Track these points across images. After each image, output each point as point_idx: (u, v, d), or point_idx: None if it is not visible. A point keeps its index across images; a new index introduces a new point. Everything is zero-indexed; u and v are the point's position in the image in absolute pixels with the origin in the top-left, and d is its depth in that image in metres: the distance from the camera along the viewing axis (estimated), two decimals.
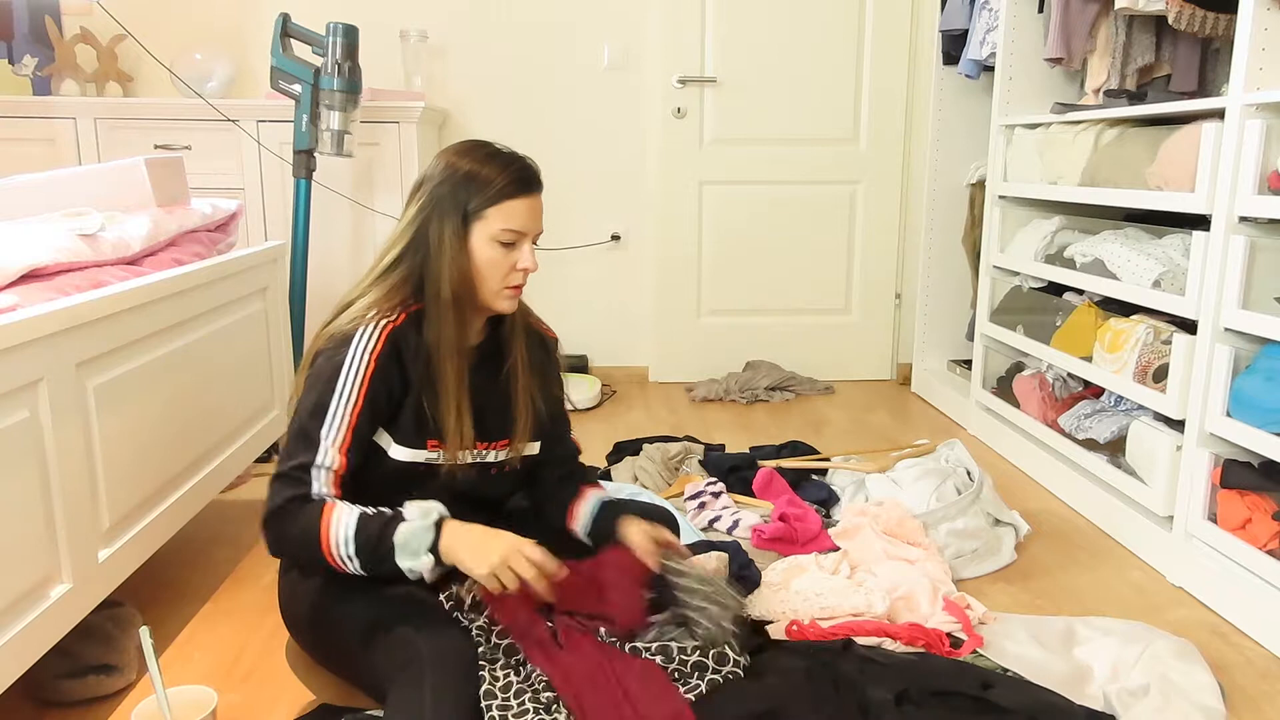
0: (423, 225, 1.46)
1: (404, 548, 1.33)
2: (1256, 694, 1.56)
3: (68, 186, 1.95)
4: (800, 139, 3.57)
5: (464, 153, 1.47)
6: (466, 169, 1.45)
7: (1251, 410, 1.78)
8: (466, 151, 1.48)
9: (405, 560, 1.32)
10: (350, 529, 1.33)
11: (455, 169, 1.45)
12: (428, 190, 1.46)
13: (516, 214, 1.45)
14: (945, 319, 3.51)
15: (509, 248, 1.46)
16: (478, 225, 1.45)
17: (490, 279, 1.47)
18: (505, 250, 1.46)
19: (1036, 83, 2.86)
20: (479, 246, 1.45)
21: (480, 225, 1.44)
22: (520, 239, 1.47)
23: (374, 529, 1.34)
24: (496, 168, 1.45)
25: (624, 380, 3.69)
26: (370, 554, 1.33)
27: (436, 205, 1.45)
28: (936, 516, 2.03)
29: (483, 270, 1.46)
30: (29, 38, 3.22)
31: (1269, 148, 1.78)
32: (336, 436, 1.40)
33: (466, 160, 1.46)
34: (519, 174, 1.46)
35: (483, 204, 1.44)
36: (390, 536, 1.33)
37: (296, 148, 2.72)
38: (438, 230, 1.44)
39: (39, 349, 1.33)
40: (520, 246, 1.47)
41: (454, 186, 1.44)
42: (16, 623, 1.28)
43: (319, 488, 1.38)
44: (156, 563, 1.85)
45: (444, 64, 3.48)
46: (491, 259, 1.45)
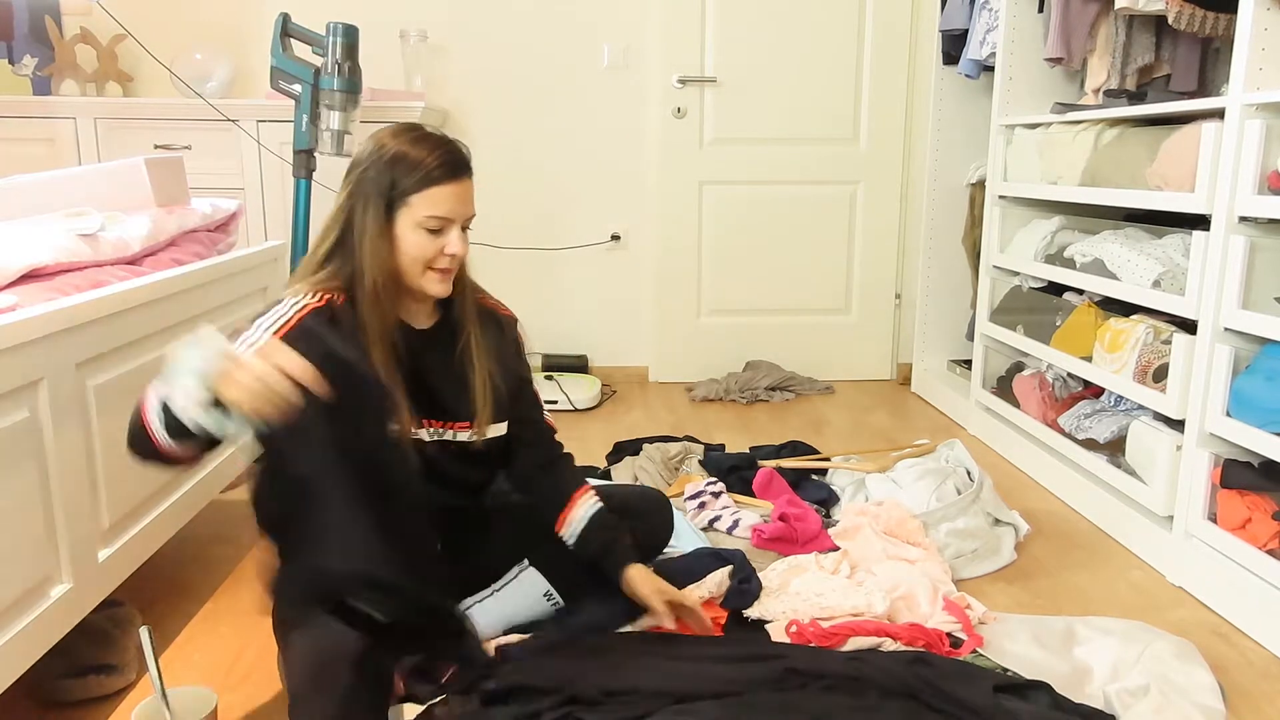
0: (349, 211, 1.44)
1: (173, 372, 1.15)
2: (1256, 694, 1.56)
3: (68, 186, 1.95)
4: (800, 139, 3.57)
5: (393, 134, 1.45)
6: (394, 151, 1.42)
7: (1251, 410, 1.78)
8: (396, 134, 1.45)
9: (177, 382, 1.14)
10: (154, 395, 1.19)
11: (383, 151, 1.43)
12: (357, 173, 1.44)
13: (443, 201, 1.42)
14: (945, 319, 3.51)
15: (436, 234, 1.43)
16: (403, 211, 1.42)
17: (415, 265, 1.44)
18: (432, 236, 1.43)
19: (1036, 83, 2.86)
20: (404, 233, 1.43)
21: (405, 212, 1.42)
22: (447, 225, 1.44)
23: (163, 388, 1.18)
24: (424, 151, 1.42)
25: (624, 380, 3.69)
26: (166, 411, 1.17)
27: (362, 190, 1.43)
28: (936, 516, 2.03)
29: (408, 256, 1.43)
30: (29, 38, 3.22)
31: (1269, 148, 1.78)
32: None
33: (396, 142, 1.43)
34: (446, 158, 1.44)
35: (408, 190, 1.41)
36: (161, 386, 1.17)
37: (296, 148, 2.72)
38: (362, 218, 1.42)
39: (39, 349, 1.33)
40: (447, 232, 1.44)
41: (379, 171, 1.42)
42: (16, 623, 1.28)
43: None
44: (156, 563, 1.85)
45: (444, 64, 3.48)
46: (417, 244, 1.43)
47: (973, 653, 1.59)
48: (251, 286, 2.17)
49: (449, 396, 1.53)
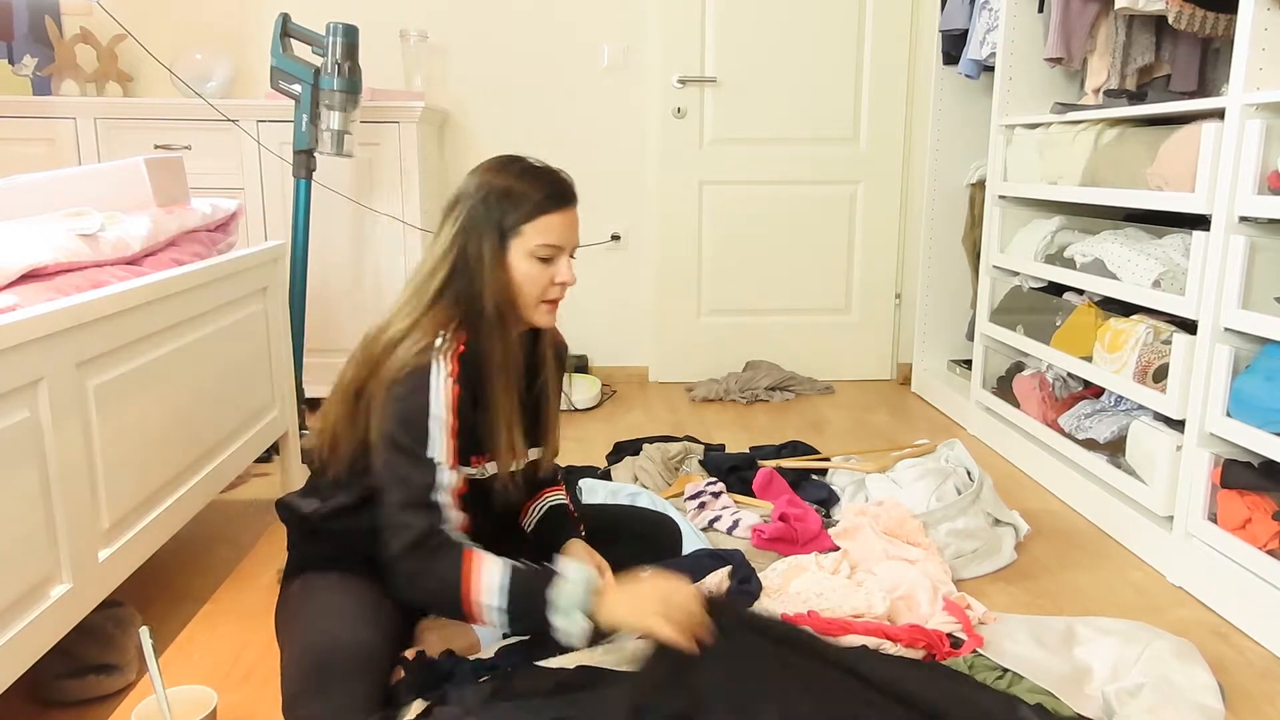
0: (462, 246, 1.46)
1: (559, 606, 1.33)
2: (1256, 694, 1.56)
3: (68, 186, 1.95)
4: (800, 139, 3.57)
5: (498, 169, 1.48)
6: (502, 185, 1.45)
7: (1251, 410, 1.78)
8: (501, 167, 1.48)
9: (559, 619, 1.33)
10: (503, 581, 1.34)
11: (490, 186, 1.45)
12: (464, 209, 1.46)
13: (553, 229, 1.46)
14: (945, 319, 3.51)
15: (546, 263, 1.47)
16: (515, 242, 1.45)
17: (529, 295, 1.47)
18: (543, 265, 1.46)
19: (1036, 83, 2.86)
20: (517, 263, 1.45)
21: (518, 241, 1.45)
22: (557, 253, 1.48)
23: (527, 584, 1.35)
24: (531, 183, 1.46)
25: (624, 380, 3.69)
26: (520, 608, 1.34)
27: (473, 224, 1.45)
28: (936, 516, 2.03)
29: (522, 286, 1.46)
30: (29, 38, 3.22)
31: (1269, 148, 1.78)
32: (445, 455, 1.39)
33: (501, 177, 1.46)
34: (554, 188, 1.47)
35: (519, 220, 1.44)
36: (544, 592, 1.33)
37: (296, 148, 2.72)
38: (476, 249, 1.44)
39: (39, 349, 1.33)
40: (558, 261, 1.48)
41: (489, 204, 1.44)
42: (16, 623, 1.28)
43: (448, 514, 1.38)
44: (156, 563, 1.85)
45: (444, 64, 3.48)
46: (530, 275, 1.46)
47: (973, 653, 1.59)
48: (251, 286, 2.17)
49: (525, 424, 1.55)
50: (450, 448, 1.39)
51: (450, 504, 1.39)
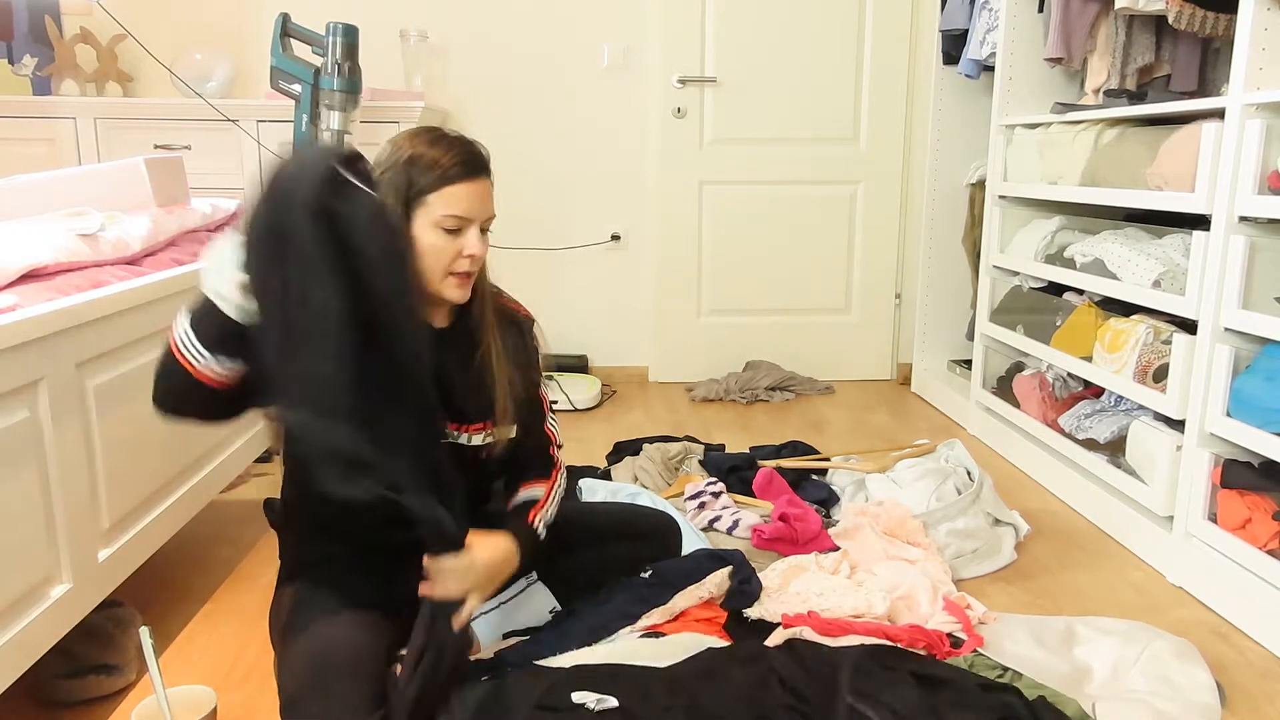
0: None
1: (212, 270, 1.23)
2: (1256, 694, 1.56)
3: (68, 186, 1.95)
4: (800, 139, 3.57)
5: (411, 136, 1.43)
6: (410, 153, 1.40)
7: (1251, 410, 1.78)
8: (414, 135, 1.43)
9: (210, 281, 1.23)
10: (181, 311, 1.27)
11: (399, 154, 1.41)
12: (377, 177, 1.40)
13: (460, 199, 1.40)
14: (945, 319, 3.51)
15: (454, 234, 1.41)
16: (420, 211, 1.40)
17: (434, 267, 1.41)
18: (450, 237, 1.40)
19: (1036, 83, 2.86)
20: (422, 234, 1.40)
21: (423, 211, 1.39)
22: (465, 225, 1.41)
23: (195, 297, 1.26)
24: (440, 151, 1.40)
25: (624, 380, 3.69)
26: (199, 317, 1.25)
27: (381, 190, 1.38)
28: (936, 516, 2.03)
29: (425, 257, 1.40)
30: (29, 38, 3.22)
31: (1269, 148, 1.78)
32: None
33: (411, 145, 1.41)
34: (463, 157, 1.41)
35: (425, 189, 1.39)
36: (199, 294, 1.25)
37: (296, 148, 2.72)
38: None
39: (39, 349, 1.33)
40: (465, 232, 1.41)
41: (396, 172, 1.40)
42: (16, 623, 1.28)
43: None
44: (156, 563, 1.85)
45: (444, 64, 3.48)
46: (434, 245, 1.40)
47: (973, 652, 1.59)
48: None
49: (465, 398, 1.50)
50: None
51: None
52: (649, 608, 1.61)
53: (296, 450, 1.41)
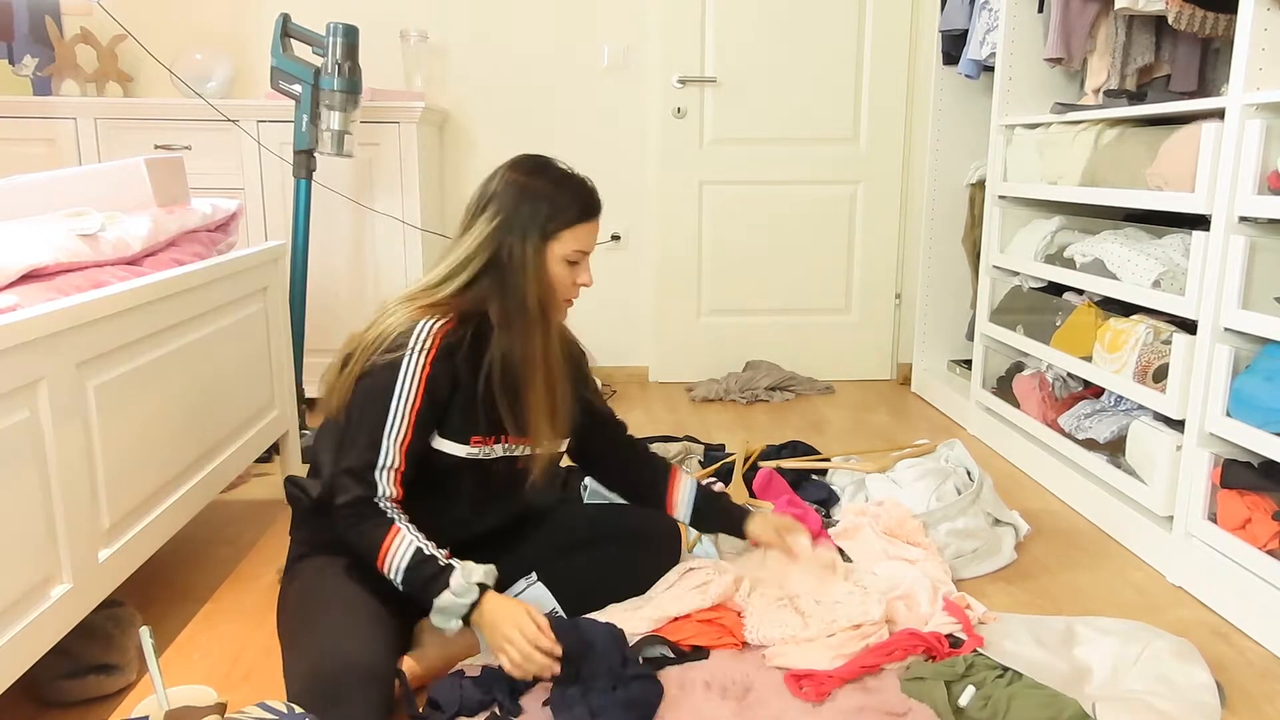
0: (500, 243, 1.52)
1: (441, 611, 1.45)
2: (1256, 694, 1.56)
3: (68, 186, 1.95)
4: (800, 139, 3.57)
5: (534, 172, 1.55)
6: (543, 190, 1.53)
7: (1251, 410, 1.78)
8: (536, 171, 1.56)
9: (439, 619, 1.46)
10: (404, 563, 1.45)
11: (529, 189, 1.53)
12: (501, 208, 1.52)
13: (585, 236, 1.57)
14: (945, 319, 3.51)
15: (574, 266, 1.57)
16: (553, 245, 1.54)
17: (556, 295, 1.58)
18: (570, 268, 1.57)
19: (1036, 83, 2.86)
20: (552, 265, 1.55)
21: (555, 245, 1.54)
22: (583, 258, 1.58)
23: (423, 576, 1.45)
24: (570, 191, 1.55)
25: (624, 380, 3.69)
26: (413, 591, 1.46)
27: (515, 224, 1.52)
28: (936, 516, 2.03)
29: (552, 287, 1.56)
30: (29, 38, 3.22)
31: (1269, 148, 1.78)
32: (398, 436, 1.48)
33: (539, 181, 1.54)
34: (590, 199, 1.57)
35: (560, 226, 1.53)
36: (432, 595, 1.44)
37: (296, 148, 2.72)
38: (520, 248, 1.52)
39: (39, 349, 1.33)
40: (582, 264, 1.58)
41: (533, 206, 1.52)
42: (16, 623, 1.28)
43: (384, 488, 1.48)
44: (156, 563, 1.85)
45: (444, 64, 3.48)
46: (559, 276, 1.56)
47: (973, 652, 1.59)
48: (252, 286, 2.17)
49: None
50: (408, 426, 1.48)
51: (389, 483, 1.48)
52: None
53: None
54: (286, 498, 1.68)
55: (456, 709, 1.42)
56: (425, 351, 1.48)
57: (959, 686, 1.48)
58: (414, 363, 1.48)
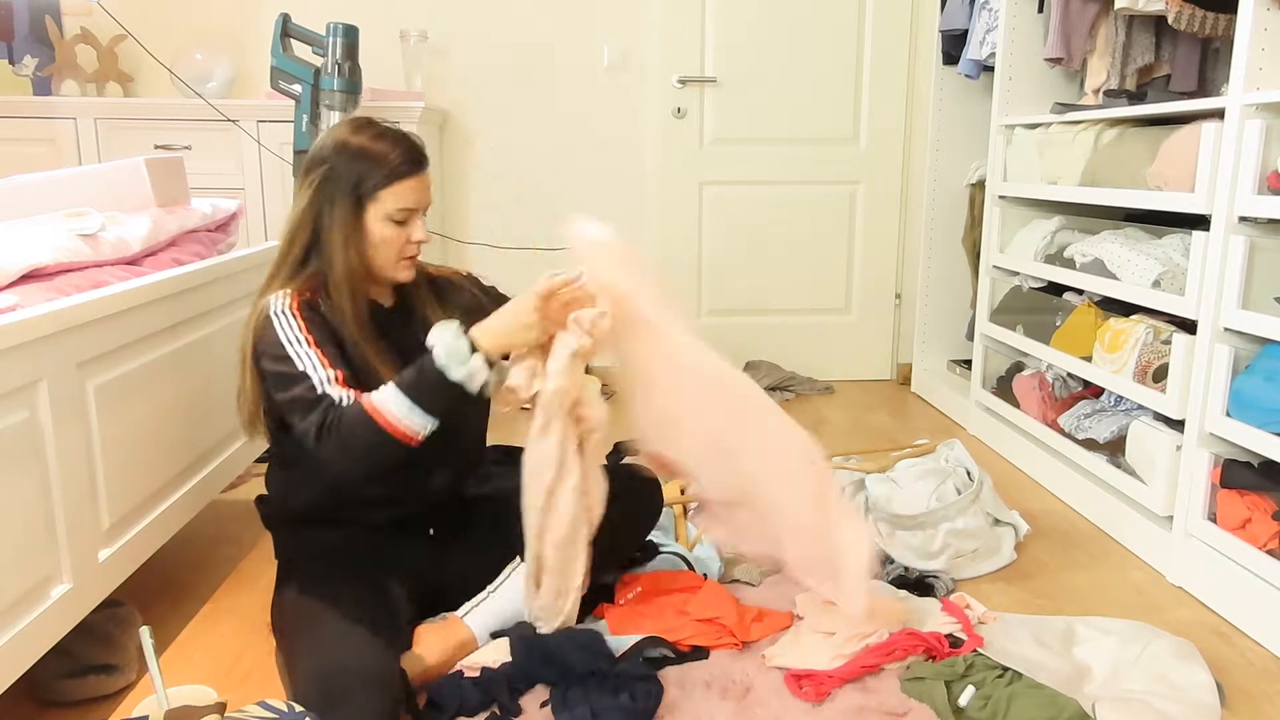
0: (318, 209, 1.50)
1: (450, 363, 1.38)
2: (1256, 694, 1.56)
3: (68, 186, 1.95)
4: (800, 139, 3.57)
5: (352, 131, 1.52)
6: (356, 149, 1.49)
7: (1251, 410, 1.78)
8: (355, 130, 1.52)
9: (457, 372, 1.39)
10: (394, 391, 1.39)
11: (345, 149, 1.49)
12: (320, 173, 1.50)
13: (408, 193, 1.51)
14: (945, 319, 3.51)
15: (402, 225, 1.52)
16: (371, 206, 1.50)
17: (387, 255, 1.53)
18: (398, 227, 1.52)
19: (1036, 83, 2.86)
20: (373, 226, 1.51)
21: (374, 206, 1.50)
22: (412, 215, 1.52)
23: (411, 375, 1.40)
24: (386, 148, 1.49)
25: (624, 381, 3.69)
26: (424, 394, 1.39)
27: (329, 188, 1.49)
28: (936, 516, 2.03)
29: (379, 248, 1.52)
30: (29, 38, 3.22)
31: (1269, 148, 1.78)
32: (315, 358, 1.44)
33: (355, 140, 1.50)
34: (409, 154, 1.51)
35: (376, 185, 1.49)
36: (431, 367, 1.39)
37: (296, 148, 2.72)
38: (329, 214, 1.49)
39: (39, 349, 1.33)
40: (412, 221, 1.53)
41: (345, 168, 1.48)
42: (16, 623, 1.28)
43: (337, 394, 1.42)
44: (156, 563, 1.85)
45: (444, 64, 3.48)
46: (386, 237, 1.51)
47: (973, 652, 1.59)
48: (252, 286, 2.16)
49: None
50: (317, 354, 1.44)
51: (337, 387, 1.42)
52: None
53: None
54: (261, 520, 1.67)
55: (456, 709, 1.42)
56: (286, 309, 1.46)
57: (959, 686, 1.49)
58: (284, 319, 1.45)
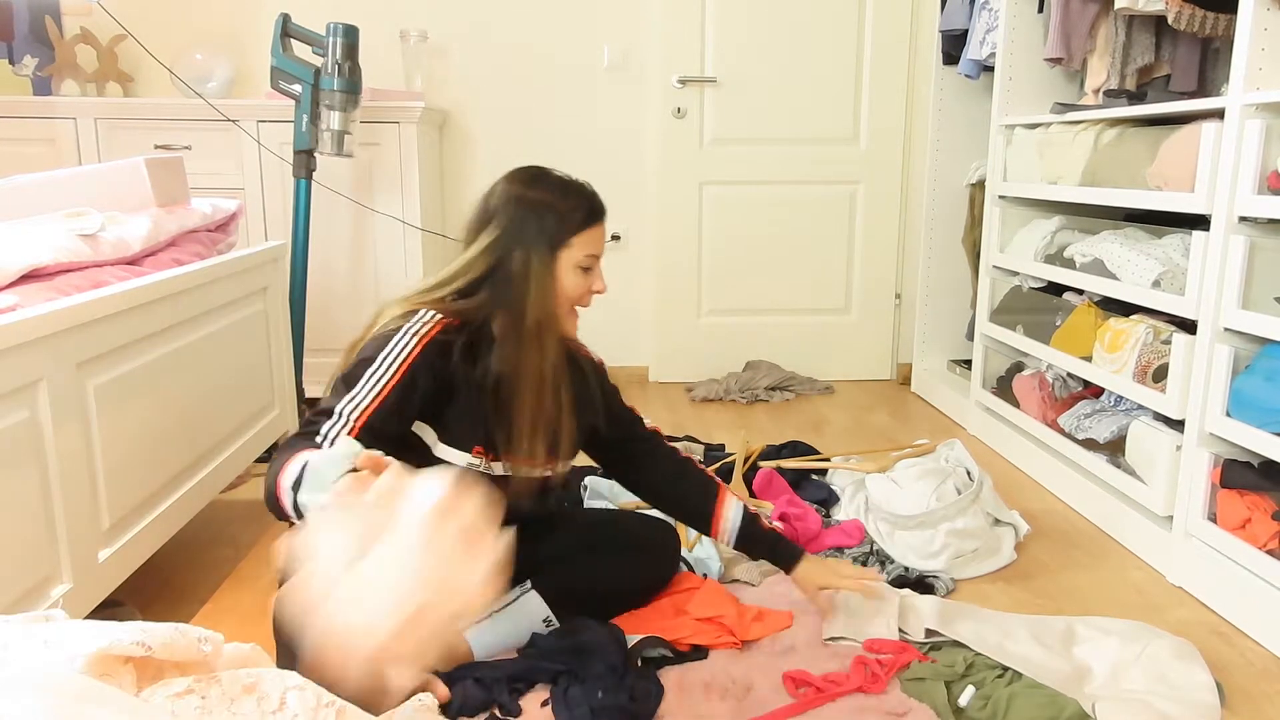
0: (503, 255, 1.49)
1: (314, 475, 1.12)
2: (1256, 694, 1.56)
3: (68, 186, 1.95)
4: (800, 139, 3.57)
5: (533, 182, 1.53)
6: (545, 199, 1.51)
7: (1251, 410, 1.78)
8: (535, 181, 1.54)
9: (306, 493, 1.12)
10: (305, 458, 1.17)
11: (531, 200, 1.51)
12: (504, 219, 1.50)
13: (596, 240, 1.54)
14: (945, 319, 3.51)
15: (588, 272, 1.54)
16: (564, 254, 1.51)
17: (567, 304, 1.54)
18: (583, 275, 1.54)
19: (1036, 83, 2.86)
20: (564, 273, 1.52)
21: (566, 254, 1.51)
22: (595, 263, 1.55)
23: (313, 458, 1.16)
24: (574, 198, 1.53)
25: (624, 380, 3.69)
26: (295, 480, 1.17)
27: (519, 235, 1.49)
28: (936, 516, 2.03)
29: (566, 295, 1.53)
30: (29, 38, 3.22)
31: (1269, 148, 1.78)
32: (360, 405, 1.38)
33: (539, 190, 1.52)
34: (594, 202, 1.55)
35: (569, 233, 1.51)
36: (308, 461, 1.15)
37: (296, 148, 2.72)
38: (523, 260, 1.49)
39: (39, 349, 1.33)
40: (595, 270, 1.55)
41: (538, 216, 1.50)
42: None
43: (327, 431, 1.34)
44: (156, 563, 1.85)
45: (444, 64, 3.48)
46: (573, 284, 1.53)
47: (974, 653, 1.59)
48: (251, 286, 2.17)
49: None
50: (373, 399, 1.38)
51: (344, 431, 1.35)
52: None
53: None
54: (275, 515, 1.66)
55: (457, 709, 1.42)
56: (419, 335, 1.44)
57: (959, 686, 1.49)
58: (404, 341, 1.43)
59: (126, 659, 0.82)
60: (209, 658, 0.86)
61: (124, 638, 0.81)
